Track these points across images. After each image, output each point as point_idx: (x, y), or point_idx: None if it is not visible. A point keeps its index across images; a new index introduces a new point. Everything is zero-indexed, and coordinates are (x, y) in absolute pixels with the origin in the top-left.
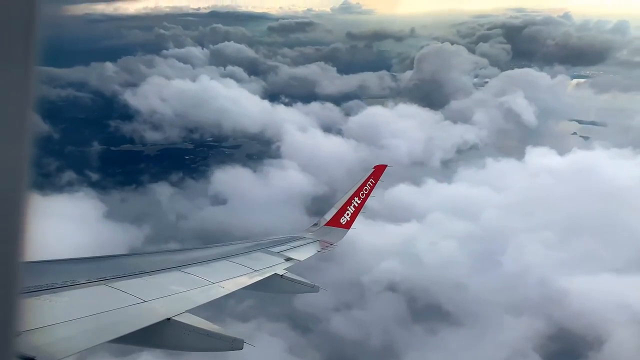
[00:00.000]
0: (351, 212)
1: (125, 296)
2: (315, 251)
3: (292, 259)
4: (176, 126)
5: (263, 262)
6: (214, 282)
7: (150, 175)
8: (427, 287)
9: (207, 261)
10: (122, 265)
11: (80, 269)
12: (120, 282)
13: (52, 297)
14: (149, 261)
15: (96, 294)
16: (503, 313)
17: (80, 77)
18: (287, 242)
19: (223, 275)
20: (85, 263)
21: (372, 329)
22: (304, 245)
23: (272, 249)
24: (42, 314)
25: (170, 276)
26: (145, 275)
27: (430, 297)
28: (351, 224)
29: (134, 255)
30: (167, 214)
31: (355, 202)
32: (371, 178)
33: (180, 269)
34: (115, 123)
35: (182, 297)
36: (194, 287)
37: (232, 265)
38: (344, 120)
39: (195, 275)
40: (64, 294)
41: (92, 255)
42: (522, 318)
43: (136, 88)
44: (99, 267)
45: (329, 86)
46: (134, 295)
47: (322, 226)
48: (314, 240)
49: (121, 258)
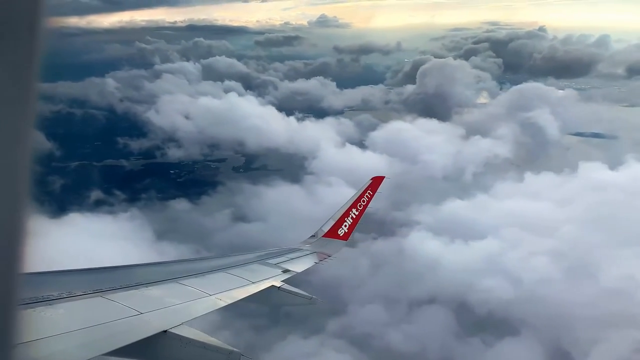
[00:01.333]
0: (349, 224)
1: (121, 308)
2: (313, 263)
3: (289, 270)
4: (212, 144)
5: (260, 274)
6: (211, 294)
7: (193, 194)
8: (532, 307)
9: (203, 273)
10: (119, 276)
11: (76, 280)
12: (116, 294)
13: (47, 309)
14: (146, 273)
15: (92, 305)
16: (614, 328)
17: (82, 93)
18: (285, 253)
19: (220, 287)
20: (81, 274)
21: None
22: (301, 257)
23: (269, 261)
24: (37, 326)
25: (167, 288)
26: (142, 287)
27: (537, 317)
28: (349, 235)
29: (130, 267)
30: (218, 232)
31: (353, 213)
32: (369, 189)
33: (176, 280)
34: (141, 140)
35: (179, 309)
36: (190, 299)
37: (229, 277)
38: (363, 134)
39: (192, 287)
40: (59, 306)
41: (88, 267)
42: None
43: (155, 105)
44: (95, 278)
45: (336, 101)
46: (130, 307)
47: (319, 238)
48: (312, 252)
49: (117, 269)
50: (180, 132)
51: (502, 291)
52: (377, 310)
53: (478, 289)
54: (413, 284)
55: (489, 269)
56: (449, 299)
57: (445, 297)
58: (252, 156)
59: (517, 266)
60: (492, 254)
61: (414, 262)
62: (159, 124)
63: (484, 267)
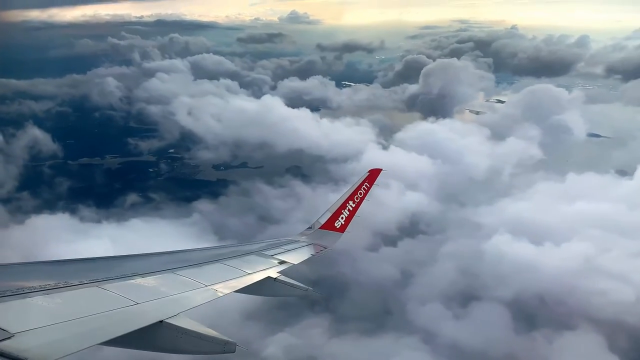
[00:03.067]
0: (346, 216)
1: (117, 298)
2: (309, 255)
3: (285, 262)
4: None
5: (256, 265)
6: (207, 285)
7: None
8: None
9: (200, 264)
10: (115, 267)
11: (73, 270)
12: (112, 284)
13: (44, 299)
14: (142, 263)
15: (89, 295)
16: None
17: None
18: (281, 245)
19: (216, 277)
20: (77, 264)
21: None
22: (297, 249)
23: (265, 252)
24: (34, 315)
25: (163, 278)
26: (138, 277)
27: None
28: (345, 227)
29: (126, 257)
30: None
31: (350, 205)
32: (366, 182)
33: (173, 271)
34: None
35: (175, 299)
36: (186, 290)
37: (226, 268)
38: (387, 136)
39: (188, 278)
40: (56, 296)
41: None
42: None
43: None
44: (91, 268)
45: (344, 100)
46: (127, 297)
47: (316, 229)
48: (308, 243)
49: (114, 260)
50: (210, 134)
51: (619, 294)
52: (486, 310)
53: (592, 292)
54: (507, 286)
55: (593, 271)
56: (557, 301)
57: (552, 299)
58: (291, 159)
59: (622, 268)
60: (588, 256)
61: (501, 264)
62: (188, 126)
63: (585, 269)
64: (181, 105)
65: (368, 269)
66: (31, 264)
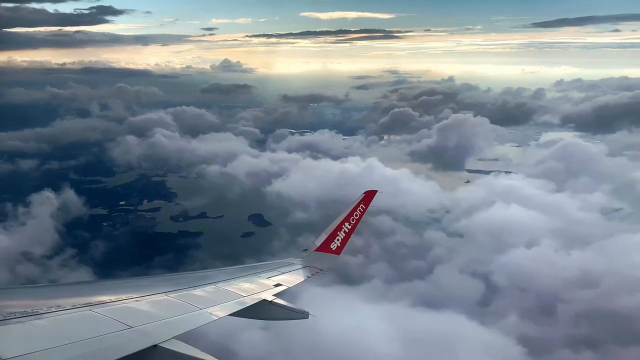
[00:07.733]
0: (341, 238)
1: (111, 322)
2: (305, 277)
3: (281, 284)
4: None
5: (252, 287)
6: (202, 308)
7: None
8: None
9: (195, 287)
10: (108, 290)
11: (65, 294)
12: (106, 308)
13: (36, 323)
14: (136, 286)
15: (81, 319)
16: None
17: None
18: (277, 268)
19: (211, 301)
20: (70, 288)
21: None
22: (293, 271)
23: (261, 275)
24: (26, 340)
25: (157, 302)
26: (132, 301)
27: None
28: (341, 249)
29: (120, 281)
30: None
31: (346, 227)
32: (361, 203)
33: (167, 294)
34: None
35: (169, 323)
36: (181, 313)
37: (221, 290)
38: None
39: (183, 301)
40: (48, 320)
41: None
42: None
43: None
44: (84, 292)
45: (373, 153)
46: (120, 321)
47: (312, 252)
48: (304, 266)
49: (107, 283)
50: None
51: None
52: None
53: None
54: None
55: None
56: None
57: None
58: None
59: None
60: None
61: None
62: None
63: None
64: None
65: None
66: (22, 288)
